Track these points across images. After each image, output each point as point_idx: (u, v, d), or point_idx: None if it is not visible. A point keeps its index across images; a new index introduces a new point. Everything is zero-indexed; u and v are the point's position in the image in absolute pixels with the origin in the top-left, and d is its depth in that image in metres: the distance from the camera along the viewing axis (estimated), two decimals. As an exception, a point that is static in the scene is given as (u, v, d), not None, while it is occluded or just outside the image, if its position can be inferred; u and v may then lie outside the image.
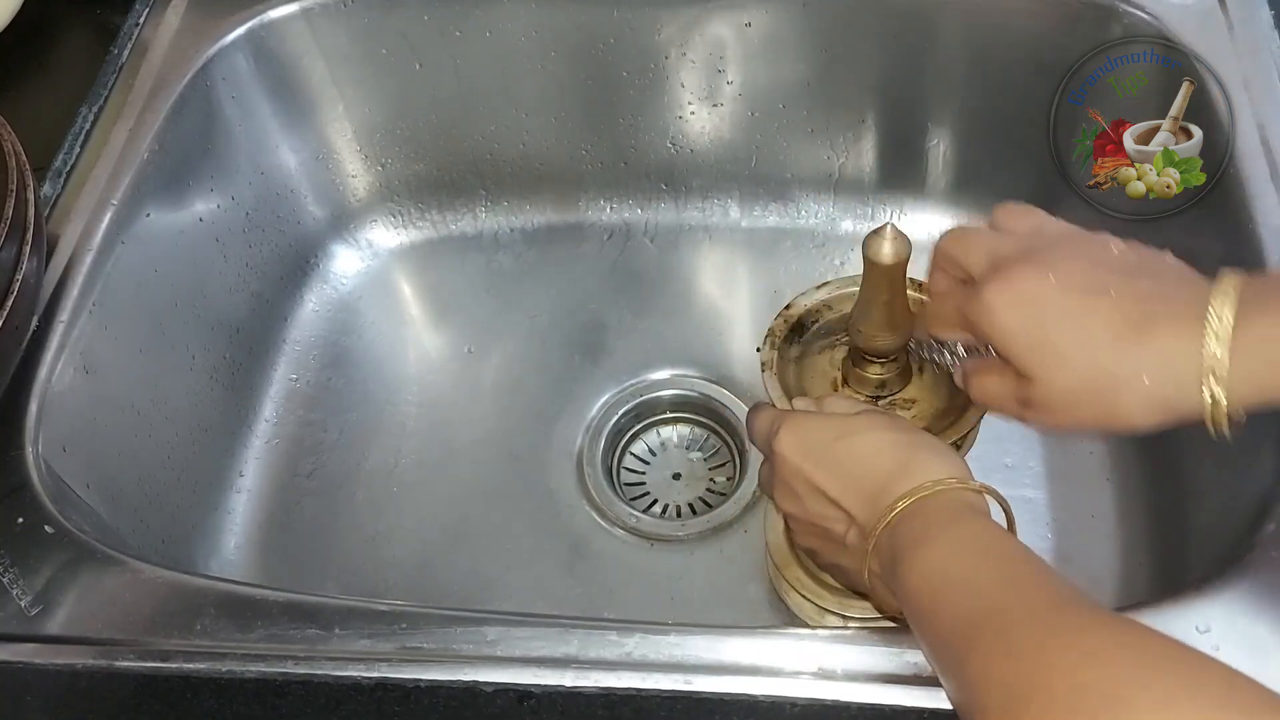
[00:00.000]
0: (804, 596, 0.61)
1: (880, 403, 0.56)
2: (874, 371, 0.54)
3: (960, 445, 0.55)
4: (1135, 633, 0.35)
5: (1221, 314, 0.38)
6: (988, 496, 0.46)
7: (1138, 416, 0.40)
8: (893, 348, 0.53)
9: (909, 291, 0.52)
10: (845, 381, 0.56)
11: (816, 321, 0.59)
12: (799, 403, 0.54)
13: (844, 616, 0.58)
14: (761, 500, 0.76)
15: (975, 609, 0.39)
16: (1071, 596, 0.38)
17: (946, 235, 0.48)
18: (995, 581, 0.40)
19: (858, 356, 0.54)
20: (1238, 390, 0.38)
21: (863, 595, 0.55)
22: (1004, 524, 0.47)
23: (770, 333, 0.58)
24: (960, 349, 0.56)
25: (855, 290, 0.53)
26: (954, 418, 0.54)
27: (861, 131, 0.83)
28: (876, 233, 0.48)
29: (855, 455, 0.48)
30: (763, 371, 0.57)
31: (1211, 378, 0.38)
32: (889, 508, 0.45)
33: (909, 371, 0.56)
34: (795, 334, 0.58)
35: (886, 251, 0.47)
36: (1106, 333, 0.40)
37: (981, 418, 0.54)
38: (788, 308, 0.59)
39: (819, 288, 0.59)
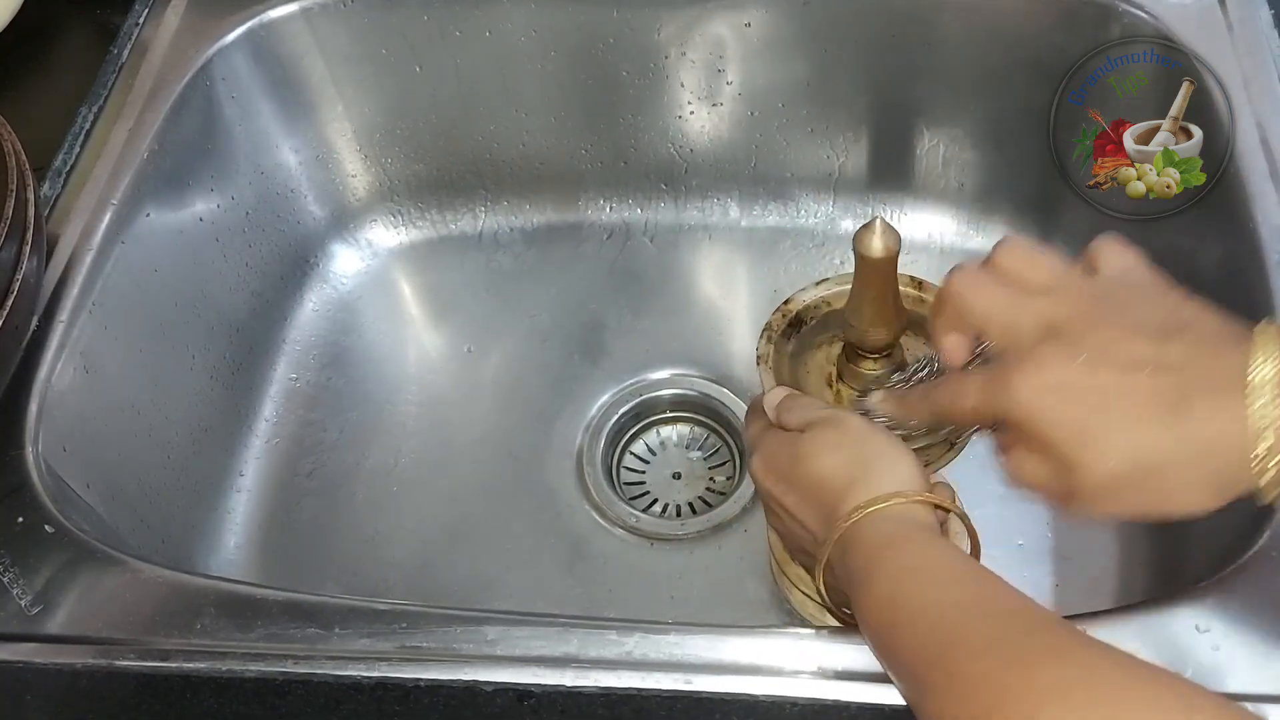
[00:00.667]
0: (805, 594, 0.61)
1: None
2: (868, 367, 0.54)
3: (954, 444, 0.55)
4: (1087, 660, 0.34)
5: (1264, 379, 0.35)
6: (941, 508, 0.46)
7: (1192, 500, 0.38)
8: (885, 343, 0.53)
9: (904, 287, 0.52)
10: (840, 377, 0.56)
11: (815, 318, 0.59)
12: (772, 393, 0.54)
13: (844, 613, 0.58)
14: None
15: (924, 645, 0.38)
16: (1019, 622, 0.37)
17: (956, 285, 0.43)
18: (942, 614, 0.39)
19: (852, 352, 0.55)
20: None
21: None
22: (966, 534, 0.47)
23: (768, 327, 0.58)
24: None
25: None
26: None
27: (861, 131, 0.83)
28: (866, 227, 0.48)
29: (811, 475, 0.48)
30: (758, 365, 0.57)
31: (1261, 454, 0.35)
32: (834, 528, 0.45)
33: (903, 368, 0.56)
34: (793, 329, 0.58)
35: (876, 246, 0.48)
36: (1146, 413, 0.37)
37: (950, 452, 0.54)
38: (786, 303, 0.59)
39: (818, 284, 0.59)
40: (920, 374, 0.52)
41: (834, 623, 0.57)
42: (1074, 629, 0.37)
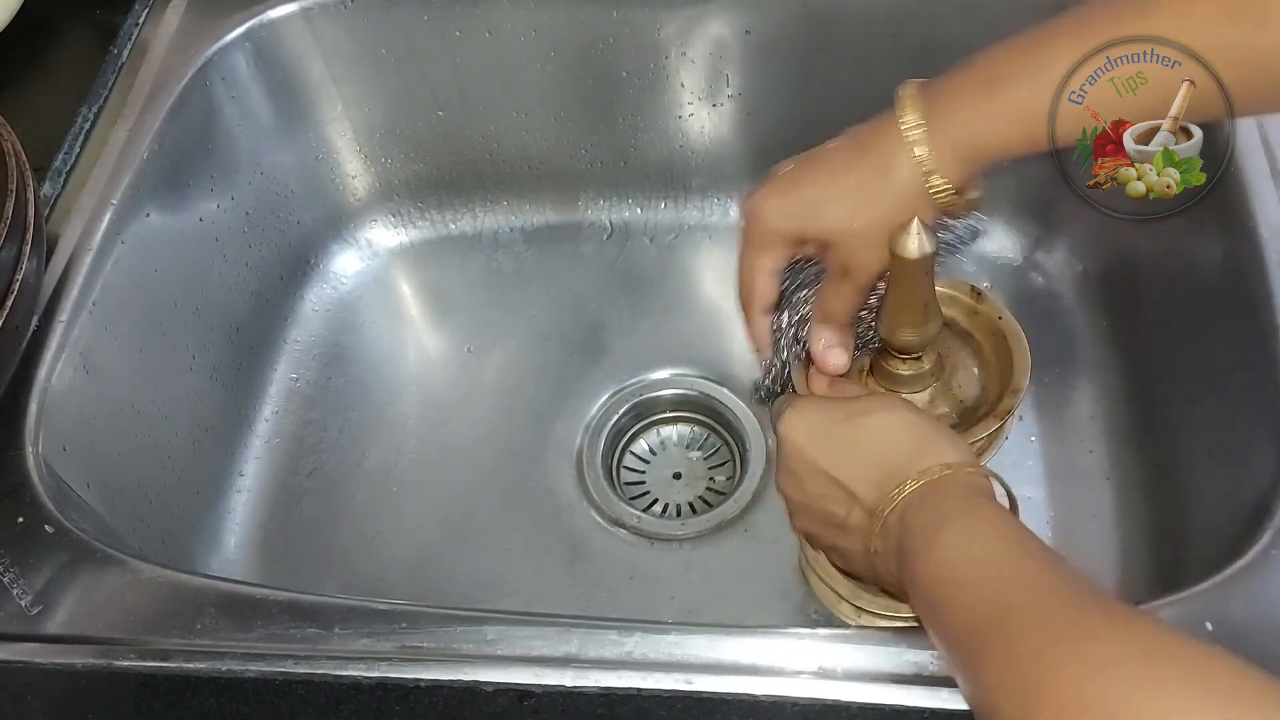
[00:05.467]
0: (831, 589, 0.60)
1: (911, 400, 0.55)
2: (900, 368, 0.54)
3: (986, 450, 0.54)
4: (1144, 633, 0.36)
5: (910, 124, 0.50)
6: (995, 484, 0.47)
7: (904, 210, 0.47)
8: (917, 344, 0.52)
9: (962, 296, 0.52)
10: (872, 373, 0.56)
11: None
12: (816, 372, 0.55)
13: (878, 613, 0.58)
14: (762, 498, 0.76)
15: (986, 608, 0.39)
16: (1081, 595, 0.38)
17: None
18: (1006, 579, 0.40)
19: (884, 352, 0.54)
20: (948, 173, 0.48)
21: (860, 579, 0.55)
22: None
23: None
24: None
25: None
26: (984, 414, 0.54)
27: (861, 131, 0.83)
28: (903, 227, 0.47)
29: (864, 436, 0.49)
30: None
31: (924, 173, 0.48)
32: (897, 489, 0.46)
33: (939, 372, 0.55)
34: None
35: (910, 247, 0.47)
36: (843, 171, 0.52)
37: (1008, 423, 0.54)
38: None
39: None
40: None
41: (865, 618, 0.56)
42: (1131, 607, 0.38)
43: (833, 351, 0.53)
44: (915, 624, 0.53)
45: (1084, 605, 0.38)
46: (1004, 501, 0.47)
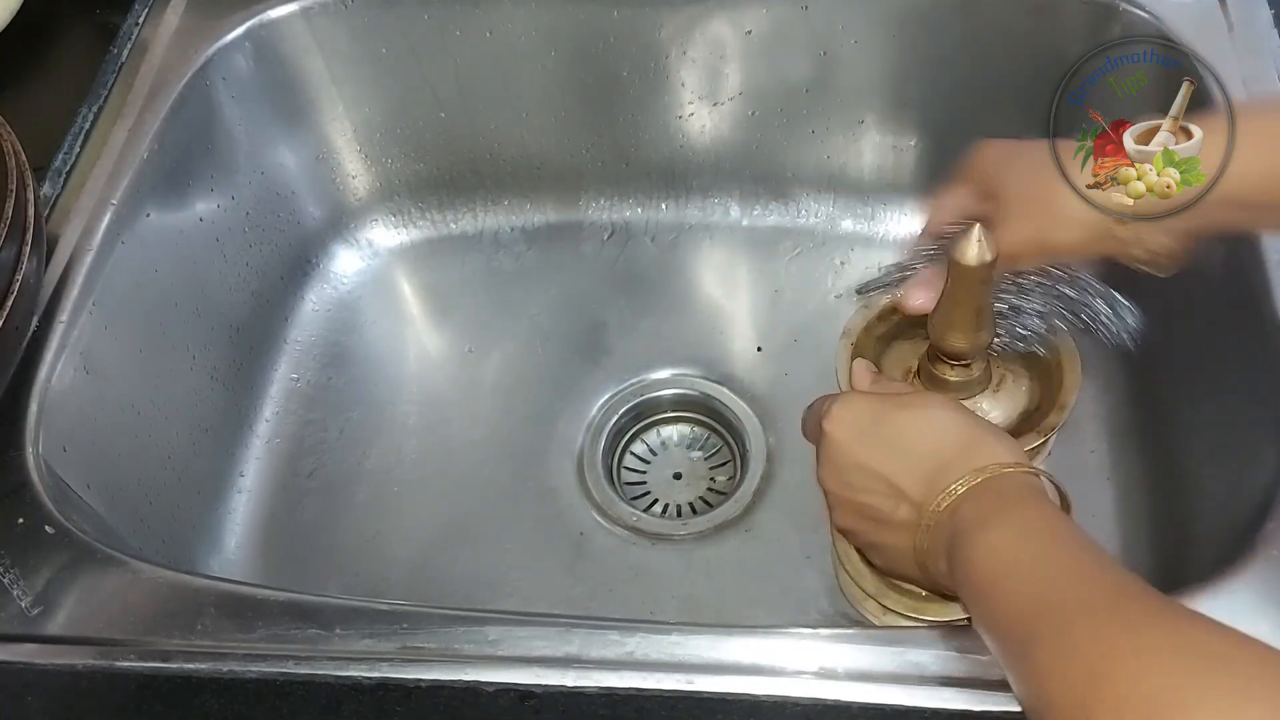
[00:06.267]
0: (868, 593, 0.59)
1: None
2: (948, 373, 0.53)
3: (1045, 445, 0.54)
4: (1195, 630, 0.36)
5: None
6: (1047, 483, 0.47)
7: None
8: (967, 351, 0.52)
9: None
10: (919, 374, 0.55)
11: (873, 337, 0.58)
12: (859, 366, 0.55)
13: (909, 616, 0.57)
14: (763, 499, 0.76)
15: (1038, 598, 0.39)
16: (1134, 589, 0.38)
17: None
18: (1059, 570, 0.40)
19: (934, 355, 0.54)
20: None
21: (901, 578, 0.54)
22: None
23: (869, 304, 0.57)
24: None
25: (887, 305, 0.55)
26: (1033, 423, 0.54)
27: (861, 131, 0.83)
28: (964, 234, 0.47)
29: (913, 433, 0.48)
30: (841, 338, 0.57)
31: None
32: (949, 486, 0.45)
33: (986, 381, 0.55)
34: (894, 312, 0.57)
35: (971, 254, 0.47)
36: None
37: (1051, 439, 0.53)
38: (844, 335, 0.58)
39: (859, 311, 0.58)
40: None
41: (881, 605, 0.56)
42: (1182, 605, 0.38)
43: (918, 290, 0.53)
44: (937, 627, 0.53)
45: (1140, 599, 0.38)
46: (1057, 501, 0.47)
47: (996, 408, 0.55)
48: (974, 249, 0.47)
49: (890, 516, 0.48)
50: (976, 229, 0.47)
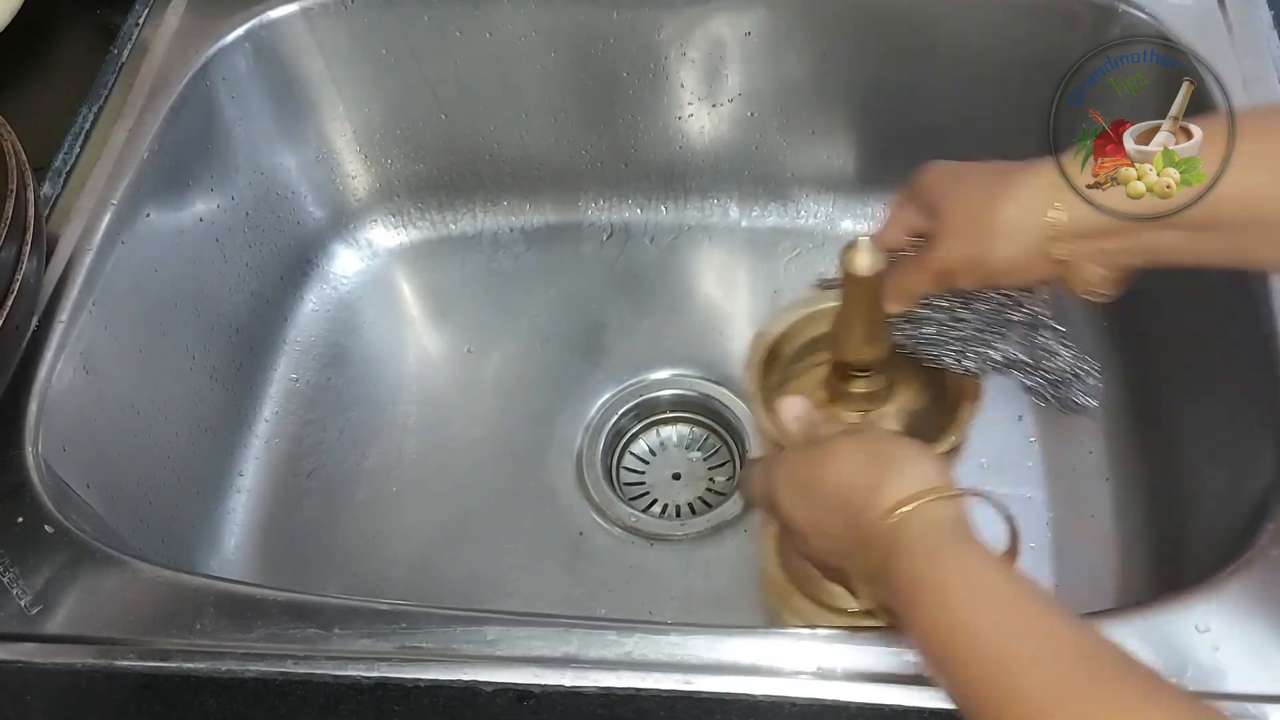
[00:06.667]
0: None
1: (870, 416, 0.55)
2: (859, 386, 0.54)
3: (954, 451, 0.54)
4: (1138, 698, 0.36)
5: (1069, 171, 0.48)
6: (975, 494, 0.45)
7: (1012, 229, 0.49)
8: (868, 361, 0.52)
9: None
10: (831, 400, 0.56)
11: (789, 347, 0.58)
12: (785, 405, 0.54)
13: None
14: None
15: (986, 690, 0.39)
16: (1080, 662, 0.38)
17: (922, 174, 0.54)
18: (999, 651, 0.39)
19: (842, 373, 0.54)
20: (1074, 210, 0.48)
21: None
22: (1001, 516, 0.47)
23: (749, 364, 0.56)
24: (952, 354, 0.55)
25: (817, 311, 0.55)
26: (946, 422, 0.54)
27: (861, 131, 0.83)
28: (851, 246, 0.48)
29: (832, 483, 0.47)
30: (750, 405, 0.57)
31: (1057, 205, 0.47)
32: (865, 536, 0.44)
33: (894, 384, 0.55)
34: (773, 361, 0.57)
35: (863, 264, 0.48)
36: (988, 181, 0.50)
37: (973, 417, 0.54)
38: (759, 337, 0.57)
39: (783, 312, 0.58)
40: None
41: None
42: (1128, 660, 0.38)
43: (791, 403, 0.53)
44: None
45: (1089, 669, 0.38)
46: (993, 512, 0.47)
47: (911, 406, 0.56)
48: (864, 259, 0.47)
49: (841, 563, 0.48)
50: (864, 240, 0.47)
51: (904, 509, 0.43)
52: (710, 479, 0.79)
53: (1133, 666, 0.38)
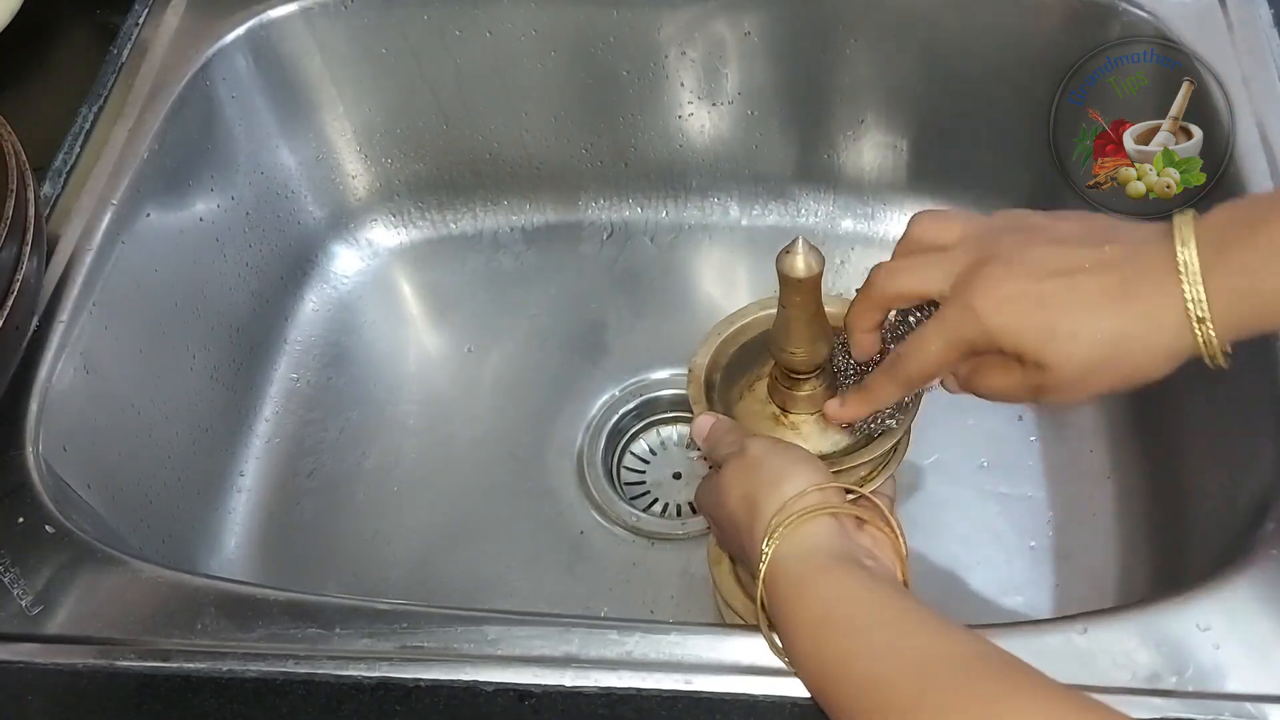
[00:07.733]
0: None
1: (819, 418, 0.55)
2: (807, 389, 0.53)
3: (897, 449, 0.54)
4: (1004, 690, 0.37)
5: (1189, 262, 0.40)
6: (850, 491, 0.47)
7: (1151, 369, 0.42)
8: (820, 361, 0.52)
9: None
10: (784, 409, 0.55)
11: (718, 373, 0.57)
12: (699, 424, 0.55)
13: None
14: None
15: (856, 709, 0.41)
16: (940, 669, 0.39)
17: (881, 275, 0.47)
18: (864, 669, 0.41)
19: (787, 380, 0.53)
20: (1221, 324, 0.40)
21: None
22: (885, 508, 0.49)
23: (694, 404, 0.56)
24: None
25: (741, 328, 0.55)
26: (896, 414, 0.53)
27: (861, 131, 0.83)
28: (788, 249, 0.47)
29: (726, 513, 0.49)
30: (689, 384, 0.56)
31: (1197, 321, 0.40)
32: (750, 561, 0.46)
33: (833, 391, 0.54)
34: (710, 393, 0.56)
35: (801, 266, 0.47)
36: (1098, 305, 0.41)
37: (913, 419, 0.53)
38: (690, 372, 0.57)
39: (704, 342, 0.58)
40: (852, 376, 0.53)
41: None
42: (991, 660, 0.39)
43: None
44: None
45: (949, 675, 0.39)
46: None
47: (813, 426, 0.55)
48: (801, 261, 0.47)
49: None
50: (800, 241, 0.47)
51: (773, 542, 0.45)
52: (710, 479, 0.79)
53: (1010, 666, 0.39)
